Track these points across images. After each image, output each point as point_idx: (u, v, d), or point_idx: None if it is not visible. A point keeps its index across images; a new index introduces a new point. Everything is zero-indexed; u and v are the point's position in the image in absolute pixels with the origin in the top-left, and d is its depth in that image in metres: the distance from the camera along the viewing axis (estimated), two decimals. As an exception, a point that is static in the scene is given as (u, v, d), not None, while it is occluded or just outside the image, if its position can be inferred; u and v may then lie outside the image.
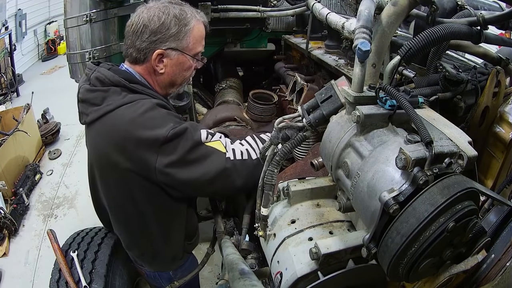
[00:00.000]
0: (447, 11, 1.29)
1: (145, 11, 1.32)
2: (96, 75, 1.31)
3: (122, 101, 1.26)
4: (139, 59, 1.34)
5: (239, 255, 1.22)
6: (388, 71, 1.10)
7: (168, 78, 1.39)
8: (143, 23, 1.29)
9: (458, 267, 0.94)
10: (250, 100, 2.25)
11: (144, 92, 1.32)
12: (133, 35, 1.31)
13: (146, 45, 1.31)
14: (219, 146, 1.31)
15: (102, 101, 1.28)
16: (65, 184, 4.16)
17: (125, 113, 1.24)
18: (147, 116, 1.23)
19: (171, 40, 1.32)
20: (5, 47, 6.68)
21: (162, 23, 1.30)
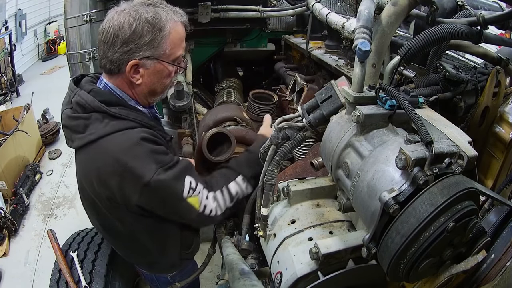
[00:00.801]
0: (447, 11, 1.29)
1: (115, 17, 1.19)
2: (76, 99, 1.24)
3: (104, 131, 1.20)
4: (113, 71, 1.24)
5: (239, 255, 1.22)
6: (388, 71, 1.10)
7: (147, 88, 1.30)
8: (113, 32, 1.18)
9: (458, 267, 0.94)
10: (250, 100, 2.26)
11: (127, 117, 1.24)
12: (105, 45, 1.20)
13: (118, 56, 1.20)
14: (195, 202, 1.28)
15: (85, 129, 1.22)
16: (65, 184, 4.16)
17: (108, 147, 1.19)
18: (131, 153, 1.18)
19: (145, 49, 1.20)
20: (5, 47, 6.68)
21: (133, 31, 1.17)
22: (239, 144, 1.86)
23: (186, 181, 1.26)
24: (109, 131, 1.20)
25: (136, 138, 1.20)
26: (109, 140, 1.19)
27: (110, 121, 1.22)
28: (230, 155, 1.77)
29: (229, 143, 1.77)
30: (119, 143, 1.19)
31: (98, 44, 1.25)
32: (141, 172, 1.17)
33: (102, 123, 1.21)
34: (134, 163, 1.17)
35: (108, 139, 1.19)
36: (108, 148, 1.19)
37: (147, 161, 1.19)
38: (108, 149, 1.19)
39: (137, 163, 1.17)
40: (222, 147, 1.81)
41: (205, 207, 1.30)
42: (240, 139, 1.86)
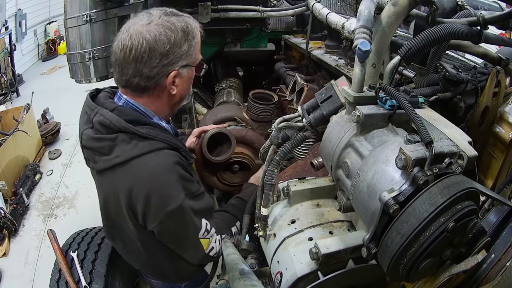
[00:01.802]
0: (447, 11, 1.29)
1: (145, 30, 1.11)
2: (99, 119, 1.16)
3: (132, 153, 1.13)
4: (148, 88, 1.17)
5: (239, 255, 1.22)
6: (388, 71, 1.10)
7: (179, 96, 1.27)
8: (148, 46, 1.10)
9: (458, 267, 0.94)
10: (250, 100, 2.26)
11: (156, 137, 1.18)
12: (137, 63, 1.11)
13: (157, 71, 1.14)
14: (205, 244, 1.28)
15: (110, 151, 1.15)
16: (65, 184, 4.16)
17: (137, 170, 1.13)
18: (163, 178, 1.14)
19: (183, 58, 1.17)
20: (5, 47, 6.68)
21: (173, 42, 1.13)
22: (239, 144, 1.87)
23: (203, 222, 1.26)
24: (138, 153, 1.14)
25: (169, 162, 1.16)
26: (138, 163, 1.14)
27: (139, 142, 1.15)
28: (230, 155, 1.77)
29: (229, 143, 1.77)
30: (150, 166, 1.14)
31: (120, 63, 1.14)
32: (168, 199, 1.14)
33: (130, 144, 1.15)
34: (164, 189, 1.14)
35: (137, 162, 1.14)
36: (138, 172, 1.14)
37: (177, 188, 1.16)
38: (138, 173, 1.14)
39: (167, 190, 1.15)
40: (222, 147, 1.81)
41: (211, 249, 1.31)
42: (240, 139, 1.86)
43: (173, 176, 1.16)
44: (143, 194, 1.13)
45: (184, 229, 1.23)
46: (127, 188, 1.15)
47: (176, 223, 1.20)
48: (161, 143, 1.19)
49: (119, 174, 1.16)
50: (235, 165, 1.89)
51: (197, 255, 1.30)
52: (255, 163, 1.89)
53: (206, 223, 1.27)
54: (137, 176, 1.14)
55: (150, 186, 1.13)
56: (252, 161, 1.89)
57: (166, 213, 1.15)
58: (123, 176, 1.15)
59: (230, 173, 1.94)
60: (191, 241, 1.26)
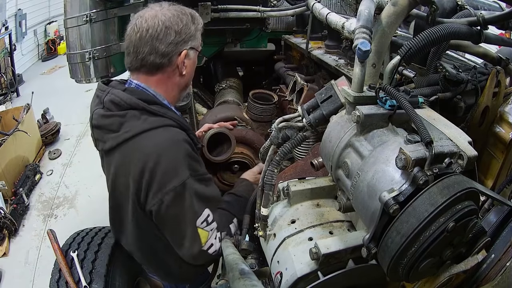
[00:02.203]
0: (447, 11, 1.29)
1: (159, 13, 1.21)
2: (110, 97, 1.21)
3: (142, 127, 1.17)
4: (163, 65, 1.24)
5: (239, 255, 1.22)
6: (388, 71, 1.10)
7: (187, 79, 1.35)
8: (164, 25, 1.20)
9: (458, 267, 0.94)
10: (250, 100, 2.26)
11: (165, 115, 1.23)
12: (154, 40, 1.19)
13: (172, 48, 1.22)
14: (203, 236, 1.26)
15: (120, 127, 1.19)
16: (65, 184, 4.16)
17: (145, 143, 1.16)
18: (170, 153, 1.17)
19: (192, 40, 1.27)
20: (5, 47, 6.68)
21: (186, 23, 1.24)
22: (239, 144, 1.87)
23: (205, 211, 1.26)
24: (147, 128, 1.18)
25: (177, 138, 1.20)
26: (147, 136, 1.17)
27: (149, 117, 1.20)
28: (230, 155, 1.77)
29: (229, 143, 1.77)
30: (158, 140, 1.17)
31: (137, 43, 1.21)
32: (173, 174, 1.16)
33: (140, 120, 1.19)
34: (170, 164, 1.16)
35: (145, 135, 1.17)
36: (146, 144, 1.17)
37: (183, 165, 1.18)
38: (146, 145, 1.17)
39: (173, 164, 1.16)
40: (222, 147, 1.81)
41: (210, 246, 1.29)
42: (240, 139, 1.87)
43: (180, 152, 1.18)
44: (149, 167, 1.15)
45: (182, 210, 1.22)
46: (134, 161, 1.17)
47: (175, 202, 1.19)
48: (170, 120, 1.23)
49: (128, 149, 1.19)
50: (235, 165, 1.90)
51: (194, 246, 1.25)
52: (255, 163, 1.89)
53: (208, 213, 1.26)
54: (145, 149, 1.16)
55: (157, 159, 1.15)
56: (252, 161, 1.90)
57: (168, 189, 1.16)
58: (131, 150, 1.18)
59: (230, 173, 1.94)
60: (188, 227, 1.24)
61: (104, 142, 1.24)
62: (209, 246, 1.28)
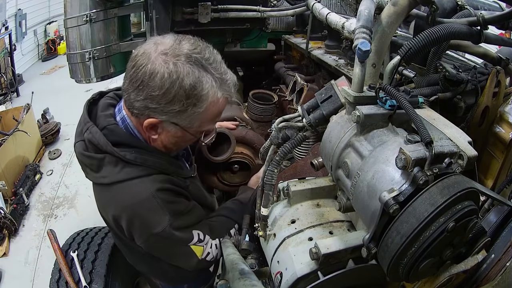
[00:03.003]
0: (447, 11, 1.29)
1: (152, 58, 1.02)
2: (88, 137, 1.15)
3: (117, 177, 1.13)
4: (133, 113, 1.12)
5: (239, 255, 1.22)
6: (388, 71, 1.10)
7: (162, 145, 1.20)
8: (142, 78, 1.01)
9: (458, 267, 0.94)
10: (250, 100, 2.25)
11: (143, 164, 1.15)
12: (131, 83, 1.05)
13: (139, 105, 1.06)
14: (198, 251, 1.27)
15: (98, 170, 1.16)
16: (65, 184, 4.16)
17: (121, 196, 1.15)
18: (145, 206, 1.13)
19: (171, 116, 1.07)
20: (5, 47, 6.68)
21: (164, 93, 1.01)
22: (239, 144, 1.87)
23: (195, 234, 1.26)
24: (123, 178, 1.14)
25: (153, 189, 1.14)
26: (123, 187, 1.14)
27: (124, 167, 1.14)
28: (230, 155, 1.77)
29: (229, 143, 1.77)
30: (132, 194, 1.14)
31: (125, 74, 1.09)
32: (151, 224, 1.16)
33: (116, 168, 1.14)
34: (146, 215, 1.15)
35: (121, 186, 1.14)
36: (121, 197, 1.16)
37: (160, 213, 1.16)
38: (121, 197, 1.16)
39: (149, 215, 1.16)
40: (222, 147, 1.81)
41: (207, 255, 1.31)
42: (240, 139, 1.86)
43: (156, 203, 1.14)
44: (126, 219, 1.16)
45: (172, 246, 1.25)
46: (111, 209, 1.19)
47: (162, 242, 1.22)
48: (148, 169, 1.16)
49: (106, 194, 1.20)
50: (235, 165, 1.89)
51: (191, 261, 1.28)
52: (255, 163, 1.89)
53: (198, 233, 1.27)
54: (120, 201, 1.16)
55: (132, 212, 1.15)
56: (252, 161, 1.89)
57: (150, 235, 1.17)
58: (108, 198, 1.19)
59: (230, 173, 1.94)
60: (182, 252, 1.26)
61: (87, 173, 1.23)
62: (205, 255, 1.30)
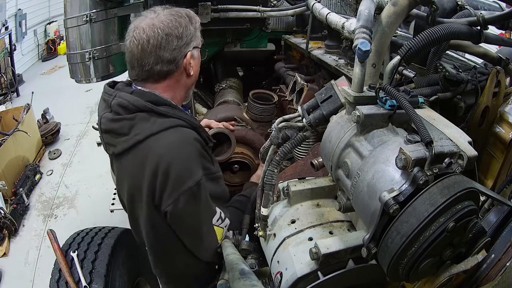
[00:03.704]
0: (447, 11, 1.29)
1: (156, 21, 1.20)
2: (118, 101, 1.20)
3: (152, 129, 1.17)
4: (170, 71, 1.24)
5: (239, 255, 1.22)
6: (388, 71, 1.10)
7: (195, 78, 1.35)
8: (164, 33, 1.19)
9: (458, 267, 0.94)
10: (250, 100, 2.25)
11: (175, 115, 1.23)
12: (157, 50, 1.19)
13: (176, 53, 1.22)
14: (219, 233, 1.28)
15: (130, 130, 1.18)
16: (65, 184, 4.16)
17: (157, 145, 1.16)
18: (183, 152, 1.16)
19: (193, 40, 1.27)
20: (5, 47, 6.67)
21: (185, 25, 1.23)
22: (239, 144, 1.87)
23: (218, 210, 1.27)
24: (158, 129, 1.17)
25: (189, 138, 1.19)
26: (158, 138, 1.17)
27: (158, 118, 1.19)
28: (230, 154, 1.77)
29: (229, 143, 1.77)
30: (170, 141, 1.16)
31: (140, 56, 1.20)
32: (186, 175, 1.15)
33: (149, 122, 1.18)
34: (183, 164, 1.15)
35: (157, 137, 1.16)
36: (158, 146, 1.16)
37: (196, 164, 1.17)
38: (158, 147, 1.16)
39: (186, 164, 1.15)
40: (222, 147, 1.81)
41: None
42: (240, 139, 1.86)
43: (193, 151, 1.18)
44: (162, 169, 1.13)
45: (198, 209, 1.21)
46: (147, 163, 1.15)
47: (191, 202, 1.18)
48: (180, 120, 1.22)
49: (140, 151, 1.17)
50: (235, 165, 1.90)
51: (211, 244, 1.26)
52: (255, 163, 1.89)
53: (220, 211, 1.27)
54: (157, 151, 1.15)
55: (169, 160, 1.14)
56: (252, 161, 1.89)
57: (183, 191, 1.15)
58: (143, 153, 1.17)
59: (230, 173, 1.94)
60: (204, 226, 1.24)
61: (114, 146, 1.22)
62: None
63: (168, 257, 1.39)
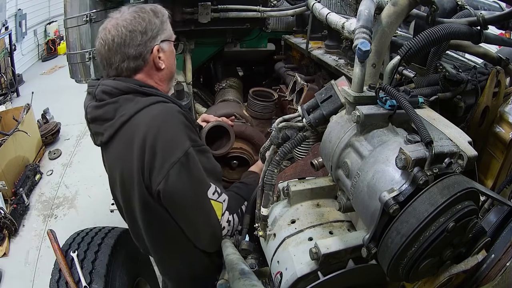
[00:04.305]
0: (447, 11, 1.29)
1: (120, 20, 1.23)
2: (101, 88, 1.23)
3: (136, 107, 1.19)
4: (139, 66, 1.26)
5: (239, 255, 1.22)
6: (388, 71, 1.10)
7: (168, 71, 1.35)
8: (127, 30, 1.21)
9: (458, 267, 0.94)
10: (250, 97, 2.25)
11: (157, 93, 1.26)
12: (122, 47, 1.21)
13: (142, 48, 1.24)
14: (218, 209, 1.26)
15: (115, 114, 1.20)
16: (65, 184, 4.16)
17: (143, 120, 1.17)
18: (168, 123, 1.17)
19: (160, 33, 1.28)
20: (5, 47, 6.68)
21: (148, 20, 1.25)
22: (238, 139, 1.86)
23: (212, 184, 1.25)
24: (142, 106, 1.19)
25: (173, 110, 1.21)
26: (142, 114, 1.18)
27: (142, 98, 1.22)
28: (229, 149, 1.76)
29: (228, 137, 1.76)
30: (154, 114, 1.18)
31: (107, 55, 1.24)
32: (174, 146, 1.15)
33: (133, 101, 1.21)
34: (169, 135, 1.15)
35: (141, 114, 1.18)
36: (142, 121, 1.17)
37: (182, 134, 1.18)
38: (142, 122, 1.16)
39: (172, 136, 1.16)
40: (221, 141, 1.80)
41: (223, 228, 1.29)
42: (239, 134, 1.86)
43: (178, 121, 1.19)
44: (149, 143, 1.14)
45: (191, 182, 1.20)
46: (134, 141, 1.16)
47: (182, 174, 1.16)
48: (163, 98, 1.25)
49: (126, 132, 1.19)
50: (234, 161, 1.88)
51: (210, 220, 1.23)
52: (254, 159, 1.88)
53: (215, 186, 1.26)
54: (142, 125, 1.16)
55: (156, 132, 1.14)
56: (251, 157, 1.88)
57: (172, 162, 1.14)
58: (129, 132, 1.18)
59: (228, 169, 1.93)
60: (199, 199, 1.22)
61: (102, 134, 1.24)
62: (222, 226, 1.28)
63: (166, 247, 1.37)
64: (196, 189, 1.22)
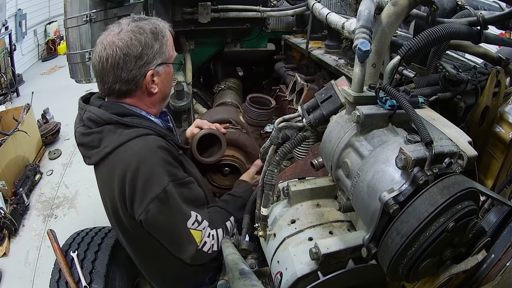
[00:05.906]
0: (447, 11, 1.29)
1: (117, 39, 1.19)
2: (88, 115, 1.25)
3: (118, 141, 1.20)
4: (130, 91, 1.26)
5: (239, 255, 1.22)
6: (388, 71, 1.10)
7: (161, 94, 1.34)
8: (122, 53, 1.19)
9: (458, 267, 0.94)
10: (247, 104, 2.22)
11: (140, 125, 1.25)
12: (115, 69, 1.20)
13: (134, 73, 1.22)
14: (197, 236, 1.27)
15: (99, 143, 1.23)
16: (65, 184, 4.15)
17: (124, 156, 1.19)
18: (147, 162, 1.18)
19: (157, 57, 1.25)
20: (5, 47, 6.67)
21: (144, 44, 1.21)
22: (230, 147, 1.85)
23: (193, 213, 1.27)
24: (124, 140, 1.20)
25: (153, 146, 1.21)
26: (125, 148, 1.20)
27: (124, 130, 1.23)
28: (220, 157, 1.75)
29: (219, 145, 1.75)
30: (134, 151, 1.19)
31: (101, 73, 1.23)
32: (152, 183, 1.17)
33: (116, 134, 1.22)
34: (148, 173, 1.17)
35: (122, 148, 1.20)
36: (123, 157, 1.19)
37: (160, 172, 1.19)
38: (124, 157, 1.19)
39: (150, 173, 1.17)
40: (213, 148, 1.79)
41: (204, 244, 1.30)
42: (231, 142, 1.84)
43: (157, 158, 1.20)
44: (129, 178, 1.17)
45: (171, 216, 1.23)
46: (115, 174, 1.20)
47: (161, 209, 1.20)
48: (145, 129, 1.25)
49: (109, 164, 1.22)
50: (225, 168, 1.88)
51: (190, 248, 1.27)
52: (246, 167, 1.87)
53: (196, 214, 1.27)
54: (123, 161, 1.19)
55: (135, 169, 1.17)
56: (243, 165, 1.87)
57: (150, 199, 1.17)
58: (112, 165, 1.21)
59: (220, 176, 1.92)
60: (180, 231, 1.25)
61: (89, 158, 1.28)
62: (203, 244, 1.29)
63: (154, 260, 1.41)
64: (175, 221, 1.25)
